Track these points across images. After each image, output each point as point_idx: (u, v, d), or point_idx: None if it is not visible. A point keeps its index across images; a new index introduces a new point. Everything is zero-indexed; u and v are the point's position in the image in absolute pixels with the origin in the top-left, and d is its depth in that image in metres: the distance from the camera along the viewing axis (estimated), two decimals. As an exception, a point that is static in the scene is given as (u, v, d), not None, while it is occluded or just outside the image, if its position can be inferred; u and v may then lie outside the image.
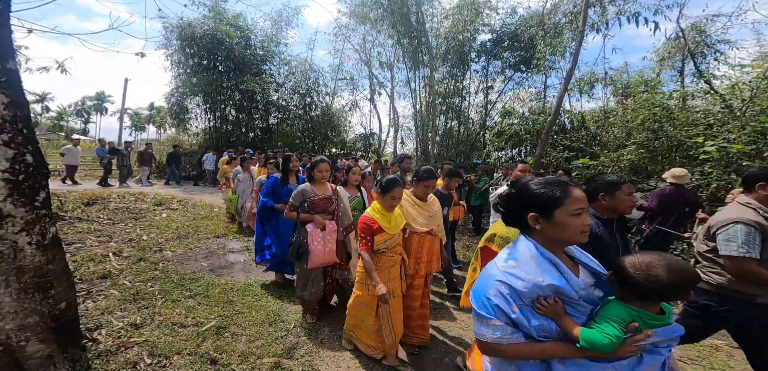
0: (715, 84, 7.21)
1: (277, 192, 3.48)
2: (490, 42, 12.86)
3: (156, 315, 2.78)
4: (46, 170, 1.85)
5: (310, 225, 2.65)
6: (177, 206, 7.67)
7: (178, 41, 13.32)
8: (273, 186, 3.51)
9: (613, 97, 10.53)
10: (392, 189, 2.21)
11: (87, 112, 52.25)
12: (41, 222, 1.75)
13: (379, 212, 2.23)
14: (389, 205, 2.23)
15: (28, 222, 1.69)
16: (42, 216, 1.76)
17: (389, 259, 2.25)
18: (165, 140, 18.67)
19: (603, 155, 6.23)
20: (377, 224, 2.18)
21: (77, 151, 9.82)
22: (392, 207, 2.26)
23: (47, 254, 1.76)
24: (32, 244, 1.70)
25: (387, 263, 2.25)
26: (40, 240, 1.74)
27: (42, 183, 1.79)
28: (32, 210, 1.70)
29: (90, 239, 4.77)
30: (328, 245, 2.66)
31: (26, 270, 1.66)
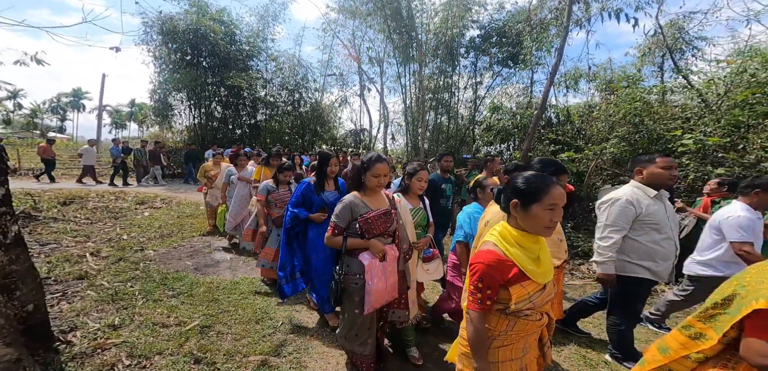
0: (693, 79, 7.47)
1: (309, 201, 2.71)
2: (479, 38, 12.95)
3: (136, 316, 2.68)
4: (3, 166, 1.73)
5: (366, 256, 1.86)
6: (160, 204, 7.44)
7: (159, 36, 12.87)
8: (304, 194, 2.73)
9: (598, 92, 10.78)
10: (544, 191, 1.18)
11: (63, 110, 50.06)
12: (1, 221, 1.64)
13: (516, 242, 1.20)
14: (534, 224, 1.19)
15: (-12, 221, 1.58)
16: (2, 214, 1.65)
17: (530, 325, 1.21)
18: (148, 137, 18.04)
19: (587, 148, 6.37)
20: (517, 267, 1.16)
21: (93, 151, 10.16)
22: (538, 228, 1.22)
23: (10, 254, 1.66)
24: (-6, 243, 1.59)
25: (524, 331, 1.22)
26: (2, 240, 1.63)
27: (0, 180, 1.68)
28: (-9, 208, 1.60)
29: (66, 239, 4.57)
30: (389, 278, 1.93)
31: (-12, 271, 1.56)
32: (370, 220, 1.90)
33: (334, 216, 1.94)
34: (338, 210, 1.93)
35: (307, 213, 2.67)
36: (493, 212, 1.87)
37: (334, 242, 1.94)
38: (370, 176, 1.94)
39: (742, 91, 5.04)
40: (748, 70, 5.40)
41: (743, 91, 4.98)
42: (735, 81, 5.50)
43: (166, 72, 13.66)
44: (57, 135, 37.45)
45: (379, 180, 1.93)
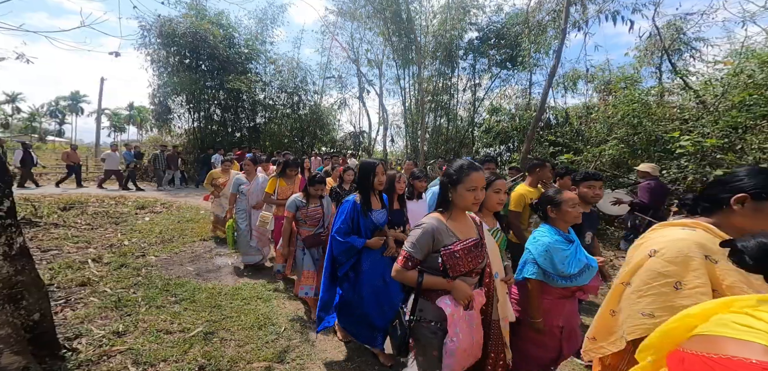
0: (691, 80, 7.52)
1: (356, 225, 2.28)
2: (477, 39, 13.00)
3: (140, 323, 2.69)
4: (8, 178, 1.75)
5: (448, 301, 1.41)
6: (161, 209, 7.44)
7: (158, 39, 12.88)
8: (352, 214, 2.26)
9: (596, 93, 10.84)
10: None
11: (61, 113, 49.95)
12: (7, 233, 1.66)
13: None
14: None
15: (-7, 233, 1.59)
16: (7, 225, 1.66)
17: None
18: (147, 141, 18.04)
19: (586, 150, 6.41)
20: None
21: (116, 156, 10.40)
22: None
23: (15, 265, 1.67)
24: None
25: None
26: (7, 251, 1.65)
27: (5, 192, 1.70)
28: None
29: (67, 246, 4.57)
30: (475, 334, 1.48)
31: (-5, 282, 1.58)
32: (458, 254, 1.38)
33: (408, 244, 1.45)
34: (416, 238, 1.43)
35: (362, 240, 2.22)
36: (675, 249, 1.02)
37: (408, 278, 1.46)
38: (464, 191, 1.41)
39: (740, 92, 5.08)
40: (745, 71, 5.44)
41: (740, 92, 5.03)
42: (732, 82, 5.54)
43: (164, 75, 13.67)
44: (55, 138, 37.44)
45: (475, 196, 1.40)
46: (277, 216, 3.67)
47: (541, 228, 1.88)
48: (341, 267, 2.29)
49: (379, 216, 2.34)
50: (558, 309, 1.79)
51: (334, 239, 2.26)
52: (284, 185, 3.75)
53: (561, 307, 1.80)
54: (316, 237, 2.95)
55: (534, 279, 1.78)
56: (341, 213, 2.31)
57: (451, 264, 1.40)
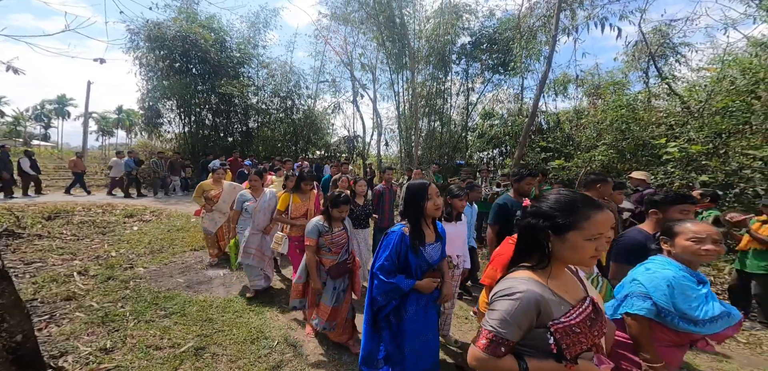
0: (676, 85, 7.73)
1: (403, 261, 1.83)
2: (470, 44, 13.15)
3: (128, 338, 2.62)
4: None
5: None
6: (150, 217, 7.29)
7: (146, 43, 12.68)
8: (399, 249, 1.81)
9: (586, 97, 11.05)
10: None
11: (47, 117, 48.72)
12: None
13: None
14: None
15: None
16: None
17: None
18: (136, 146, 17.70)
19: (576, 156, 6.52)
20: None
21: (121, 163, 10.19)
22: None
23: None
24: (-21, 278, 1.55)
25: None
26: None
27: None
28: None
29: (52, 258, 4.44)
30: None
31: (-26, 306, 1.51)
32: (578, 328, 0.97)
33: (497, 321, 0.99)
34: (511, 313, 0.98)
35: (410, 281, 1.79)
36: None
37: (501, 369, 1.00)
38: (581, 241, 0.96)
39: (723, 98, 5.25)
40: (727, 77, 5.62)
41: (723, 99, 5.19)
42: (715, 88, 5.72)
43: (154, 79, 13.45)
44: (41, 143, 36.47)
45: (598, 247, 0.97)
46: (291, 236, 3.36)
47: (657, 259, 1.52)
48: (381, 311, 1.86)
49: (433, 252, 1.85)
50: (668, 358, 1.41)
51: (375, 277, 1.82)
52: (298, 201, 3.38)
53: (671, 357, 1.43)
54: (342, 266, 2.55)
55: (643, 317, 1.41)
56: (386, 247, 1.83)
57: (568, 344, 0.95)
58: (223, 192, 4.45)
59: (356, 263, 2.73)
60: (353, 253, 2.71)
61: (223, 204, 4.39)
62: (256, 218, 3.51)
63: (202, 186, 4.61)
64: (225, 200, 4.40)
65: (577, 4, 8.91)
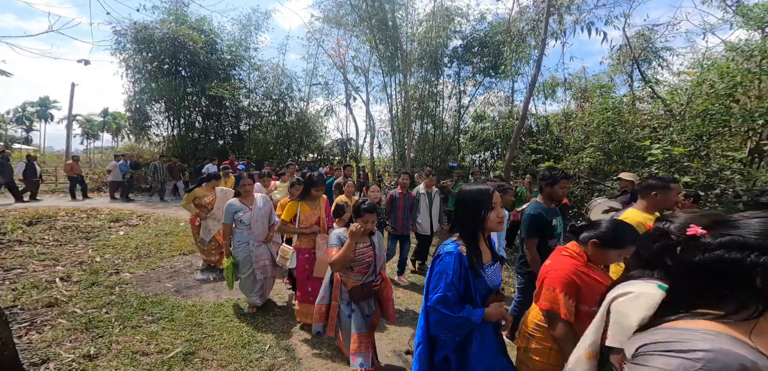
0: (659, 89, 7.98)
1: (464, 286, 1.46)
2: (461, 47, 13.30)
3: (113, 344, 2.55)
4: None
5: None
6: (137, 222, 7.12)
7: (133, 45, 12.43)
8: (459, 271, 1.44)
9: (574, 100, 11.30)
10: None
11: (29, 119, 47.20)
12: None
13: None
14: None
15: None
16: None
17: None
18: (123, 149, 17.28)
19: (565, 157, 6.65)
20: None
21: (117, 166, 10.20)
22: None
23: None
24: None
25: None
26: None
27: None
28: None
29: (33, 264, 4.28)
30: None
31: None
32: None
33: None
34: None
35: (479, 310, 1.41)
36: None
37: None
38: None
39: (703, 101, 5.43)
40: (707, 81, 5.83)
41: (703, 102, 5.37)
42: (696, 92, 5.92)
43: (142, 81, 13.19)
44: (22, 146, 35.22)
45: None
46: (300, 249, 3.02)
47: None
48: (440, 350, 1.47)
49: (493, 274, 1.49)
50: None
51: (435, 311, 1.41)
52: (308, 210, 3.02)
53: None
54: (367, 288, 2.16)
55: None
56: (442, 274, 1.40)
57: None
58: (217, 199, 4.21)
59: (386, 284, 2.30)
60: (383, 274, 2.29)
61: (218, 211, 4.17)
62: (255, 229, 3.20)
63: (194, 193, 4.29)
64: (219, 207, 4.14)
65: (564, 9, 9.13)
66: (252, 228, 3.18)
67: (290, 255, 3.00)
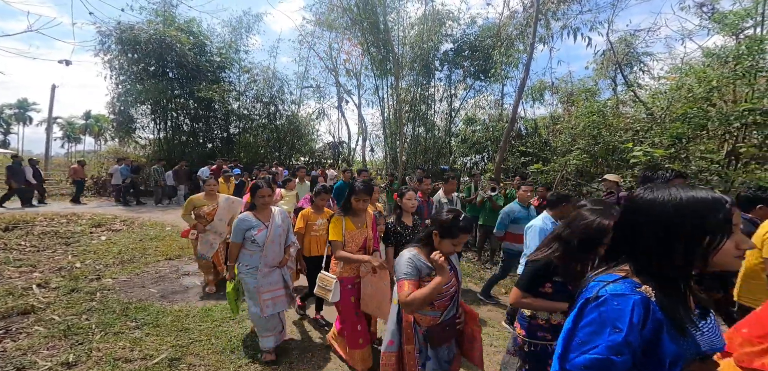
0: (641, 93, 8.26)
1: (650, 348, 0.79)
2: (452, 51, 13.48)
3: (93, 351, 2.45)
4: None
5: None
6: (120, 226, 6.89)
7: (118, 45, 12.12)
8: (642, 325, 0.77)
9: (560, 103, 11.59)
10: None
11: (6, 122, 45.37)
12: None
13: None
14: None
15: None
16: None
17: None
18: (105, 152, 16.76)
19: (553, 160, 6.79)
20: None
21: (117, 170, 10.12)
22: None
23: None
24: None
25: None
26: None
27: None
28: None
29: (8, 270, 4.09)
30: None
31: None
32: None
33: None
34: None
35: None
36: None
37: None
38: None
39: (682, 105, 5.65)
40: (685, 85, 6.07)
41: (683, 106, 5.58)
42: (675, 96, 6.15)
43: (127, 83, 12.85)
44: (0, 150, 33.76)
45: None
46: (343, 278, 2.40)
47: None
48: None
49: (711, 332, 0.87)
50: None
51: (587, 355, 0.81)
52: (353, 228, 2.42)
53: None
54: (449, 328, 1.66)
55: None
56: (606, 324, 0.80)
57: None
58: (219, 209, 3.67)
59: (472, 318, 1.77)
60: (465, 307, 1.79)
61: (220, 223, 3.66)
62: (269, 252, 2.48)
63: (191, 201, 3.74)
64: (221, 218, 3.67)
65: (551, 14, 9.37)
66: (265, 251, 2.45)
67: (333, 285, 2.32)
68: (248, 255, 2.48)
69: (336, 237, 2.36)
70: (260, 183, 2.59)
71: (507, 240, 3.95)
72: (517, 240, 3.66)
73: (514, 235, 3.84)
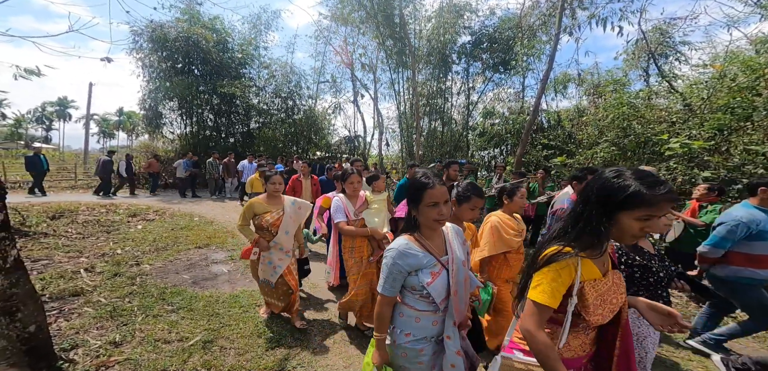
0: (677, 83, 7.75)
1: None
2: (470, 44, 13.19)
3: (136, 332, 2.65)
4: (2, 191, 1.71)
5: None
6: (154, 216, 7.32)
7: (149, 44, 12.75)
8: None
9: (586, 96, 11.09)
10: None
11: (49, 119, 48.92)
12: (1, 245, 1.62)
13: None
14: None
15: (-16, 246, 1.56)
16: (1, 238, 1.63)
17: None
18: (136, 147, 17.77)
19: (578, 153, 6.55)
20: None
21: (180, 164, 10.79)
22: None
23: (10, 278, 1.64)
24: (-6, 268, 1.57)
25: None
26: (1, 264, 1.61)
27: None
28: (-13, 233, 1.58)
29: (58, 255, 4.47)
30: None
31: (-10, 295, 1.54)
32: None
33: None
34: None
35: None
36: None
37: None
38: None
39: (724, 95, 5.26)
40: (729, 75, 5.64)
41: (725, 96, 5.20)
42: (717, 86, 5.74)
43: (156, 80, 13.53)
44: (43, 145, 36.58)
45: None
46: None
47: None
48: None
49: None
50: None
51: None
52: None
53: None
54: None
55: None
56: None
57: None
58: (284, 217, 2.68)
59: None
60: None
61: (286, 239, 2.70)
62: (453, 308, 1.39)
63: (252, 207, 2.70)
64: (287, 230, 2.70)
65: (578, 3, 8.94)
66: (450, 307, 1.36)
67: None
68: (413, 318, 1.36)
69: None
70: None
71: (735, 264, 2.50)
72: (760, 263, 2.42)
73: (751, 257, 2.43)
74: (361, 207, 2.75)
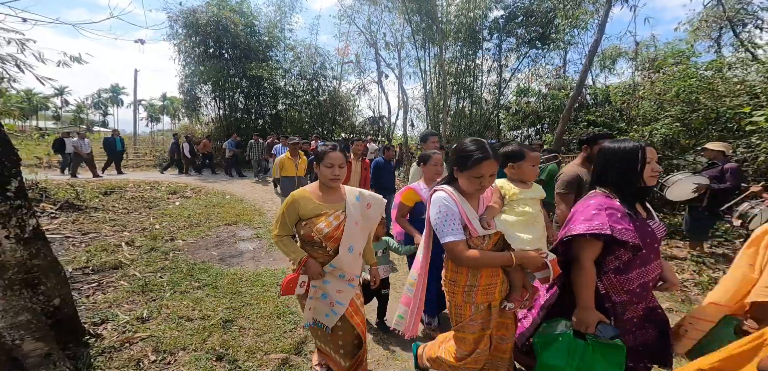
0: (758, 53, 6.51)
1: None
2: (503, 18, 12.16)
3: (163, 308, 2.72)
4: (15, 157, 1.71)
5: None
6: (191, 194, 7.73)
7: (183, 29, 13.25)
8: None
9: (638, 71, 9.83)
10: None
11: (104, 105, 53.82)
12: (17, 214, 1.63)
13: None
14: None
15: (1, 215, 1.57)
16: (17, 207, 1.64)
17: None
18: (179, 129, 18.95)
19: (632, 130, 5.80)
20: None
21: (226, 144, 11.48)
22: None
23: (30, 248, 1.66)
24: (10, 238, 1.59)
25: None
26: (19, 234, 1.63)
27: (12, 171, 1.66)
28: (5, 202, 1.59)
29: (105, 229, 4.81)
30: None
31: (8, 266, 1.57)
32: None
33: None
34: None
35: None
36: None
37: None
38: None
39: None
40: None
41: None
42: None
43: (191, 65, 14.12)
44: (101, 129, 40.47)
45: None
46: None
47: None
48: None
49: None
50: None
51: None
52: None
53: None
54: None
55: None
56: None
57: None
58: (347, 220, 1.61)
59: None
60: None
61: (349, 258, 1.64)
62: None
63: (294, 205, 1.61)
64: (351, 243, 1.63)
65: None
66: None
67: None
68: None
69: None
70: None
71: None
72: None
73: None
74: (491, 211, 1.51)
